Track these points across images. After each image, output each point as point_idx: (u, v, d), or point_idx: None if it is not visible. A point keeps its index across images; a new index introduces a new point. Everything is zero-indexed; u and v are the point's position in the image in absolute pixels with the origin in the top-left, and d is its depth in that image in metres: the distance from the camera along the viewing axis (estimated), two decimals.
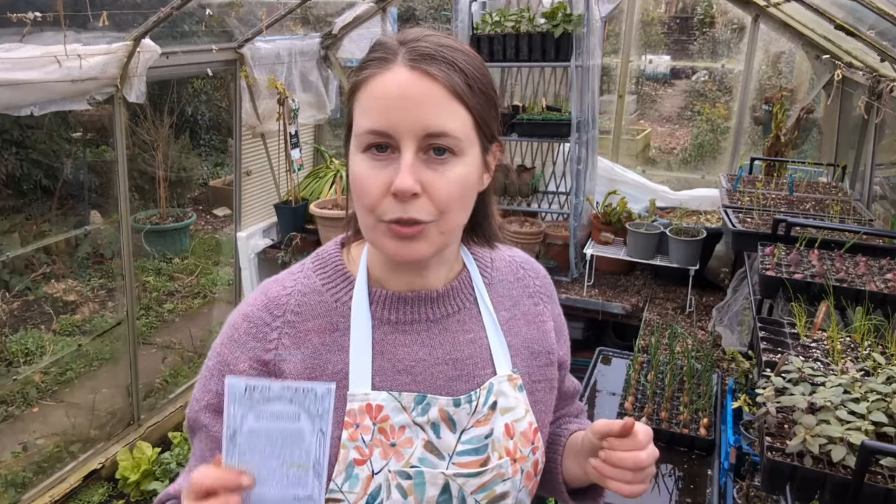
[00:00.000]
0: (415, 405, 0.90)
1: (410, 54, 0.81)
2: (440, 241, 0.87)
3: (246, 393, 0.74)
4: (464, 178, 0.84)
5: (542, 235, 3.89)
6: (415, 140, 0.80)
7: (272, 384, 0.75)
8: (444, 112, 0.81)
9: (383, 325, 0.93)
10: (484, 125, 0.86)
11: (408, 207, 0.81)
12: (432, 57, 0.81)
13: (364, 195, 0.83)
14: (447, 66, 0.82)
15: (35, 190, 5.57)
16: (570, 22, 3.42)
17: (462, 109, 0.83)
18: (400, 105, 0.80)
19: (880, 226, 2.55)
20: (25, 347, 4.40)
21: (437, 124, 0.80)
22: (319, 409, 0.76)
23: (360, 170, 0.83)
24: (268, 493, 0.76)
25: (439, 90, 0.81)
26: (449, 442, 0.90)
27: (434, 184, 0.82)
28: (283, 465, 0.76)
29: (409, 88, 0.80)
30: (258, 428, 0.75)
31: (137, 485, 3.35)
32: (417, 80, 0.80)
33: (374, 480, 0.86)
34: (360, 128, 0.83)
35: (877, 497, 1.10)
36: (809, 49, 3.72)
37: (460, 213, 0.87)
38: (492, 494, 0.91)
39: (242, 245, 4.27)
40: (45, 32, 2.59)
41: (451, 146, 0.82)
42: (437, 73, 0.81)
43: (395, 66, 0.81)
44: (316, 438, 0.76)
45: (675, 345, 2.59)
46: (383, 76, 0.81)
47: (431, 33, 0.85)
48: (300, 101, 4.27)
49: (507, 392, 0.95)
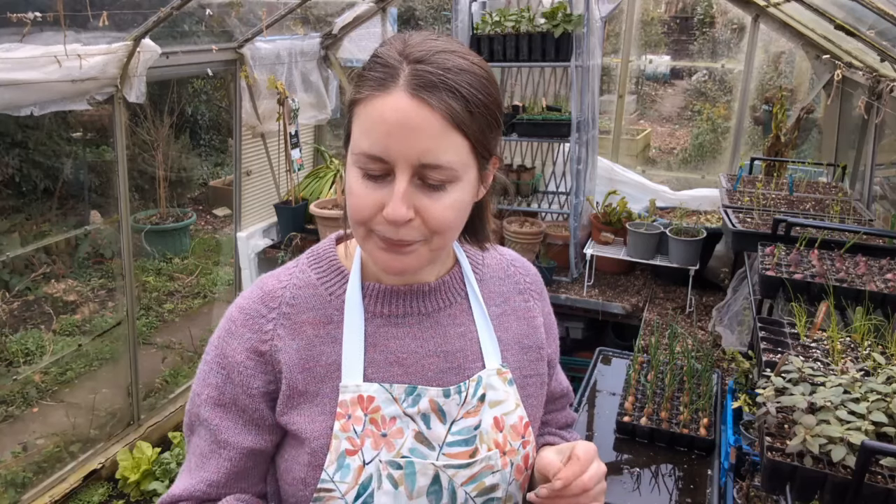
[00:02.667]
0: (405, 396, 0.91)
1: (413, 80, 0.79)
2: (430, 256, 0.88)
3: None
4: (458, 203, 0.85)
5: (542, 235, 3.89)
6: (409, 168, 0.80)
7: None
8: (441, 144, 0.80)
9: (376, 317, 0.95)
10: (482, 148, 0.85)
11: (399, 231, 0.82)
12: (434, 86, 0.79)
13: (357, 211, 0.84)
14: (449, 93, 0.79)
15: (35, 190, 5.57)
16: (570, 22, 3.41)
17: (460, 138, 0.81)
18: (397, 132, 0.79)
19: (880, 226, 2.55)
20: (25, 347, 4.40)
21: (433, 157, 0.80)
22: None
23: (355, 186, 0.84)
24: None
25: (438, 121, 0.79)
26: (439, 433, 0.91)
27: (428, 209, 0.82)
28: None
29: (408, 117, 0.78)
30: None
31: (137, 485, 3.35)
32: (417, 109, 0.78)
33: (366, 470, 0.88)
34: (357, 147, 0.83)
35: (877, 497, 1.10)
36: (809, 49, 3.72)
37: (454, 232, 0.89)
38: (481, 486, 0.92)
39: (242, 245, 4.27)
40: (45, 32, 2.59)
41: (446, 177, 0.82)
42: (438, 105, 0.79)
43: (396, 91, 0.79)
44: None
45: (675, 345, 2.59)
46: (383, 100, 0.80)
47: (440, 49, 0.82)
48: (300, 101, 4.27)
49: (497, 385, 0.97)
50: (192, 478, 0.95)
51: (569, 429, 1.23)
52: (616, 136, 4.55)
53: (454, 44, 0.85)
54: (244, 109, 3.99)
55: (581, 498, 0.88)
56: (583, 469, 0.89)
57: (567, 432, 1.21)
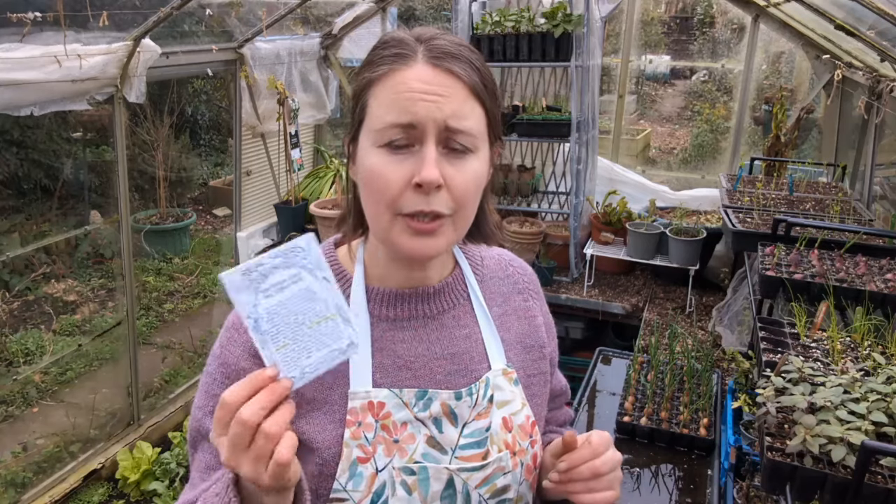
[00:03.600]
0: (416, 400, 0.90)
1: (432, 52, 0.83)
2: (454, 237, 0.88)
3: (244, 277, 0.73)
4: (478, 174, 0.87)
5: (543, 235, 3.89)
6: (437, 133, 0.82)
7: (261, 258, 0.74)
8: (465, 109, 0.83)
9: (381, 322, 0.94)
10: (495, 123, 0.89)
11: (430, 200, 0.82)
12: (453, 55, 0.83)
13: (384, 189, 0.83)
14: (467, 64, 0.84)
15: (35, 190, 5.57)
16: (570, 22, 3.41)
17: (479, 108, 0.85)
18: (425, 98, 0.81)
19: (880, 226, 2.55)
20: (25, 347, 4.39)
21: (458, 120, 0.82)
22: (311, 259, 0.76)
23: (379, 163, 0.83)
24: (313, 360, 0.76)
25: (461, 88, 0.83)
26: (451, 436, 0.90)
27: (454, 178, 0.83)
28: (312, 326, 0.76)
29: (433, 85, 0.82)
30: (272, 304, 0.74)
31: (137, 485, 3.35)
32: (441, 76, 0.82)
33: (379, 478, 0.86)
34: (380, 122, 0.83)
35: (877, 497, 1.10)
36: (809, 49, 3.72)
37: (473, 207, 0.89)
38: (494, 488, 0.91)
39: (242, 245, 4.27)
40: (45, 32, 2.59)
41: (468, 144, 0.84)
42: (460, 72, 0.83)
43: (417, 63, 0.83)
44: (324, 287, 0.76)
45: (675, 345, 2.59)
46: (404, 72, 0.82)
47: (444, 32, 0.87)
48: (300, 101, 4.27)
49: (503, 386, 0.96)
50: (195, 492, 0.89)
51: (567, 426, 1.23)
52: (616, 136, 4.55)
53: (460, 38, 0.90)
54: (244, 109, 3.99)
55: (593, 482, 0.88)
56: (594, 454, 0.88)
57: (566, 429, 1.21)
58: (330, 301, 0.77)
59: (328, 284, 0.77)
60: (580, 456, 0.88)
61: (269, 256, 0.74)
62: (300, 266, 0.75)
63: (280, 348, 0.74)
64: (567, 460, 0.89)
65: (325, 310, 0.76)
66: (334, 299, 0.77)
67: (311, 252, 0.76)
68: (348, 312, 0.78)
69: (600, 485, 0.88)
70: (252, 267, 0.73)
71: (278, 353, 0.74)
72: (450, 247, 0.90)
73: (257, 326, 0.74)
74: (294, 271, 0.75)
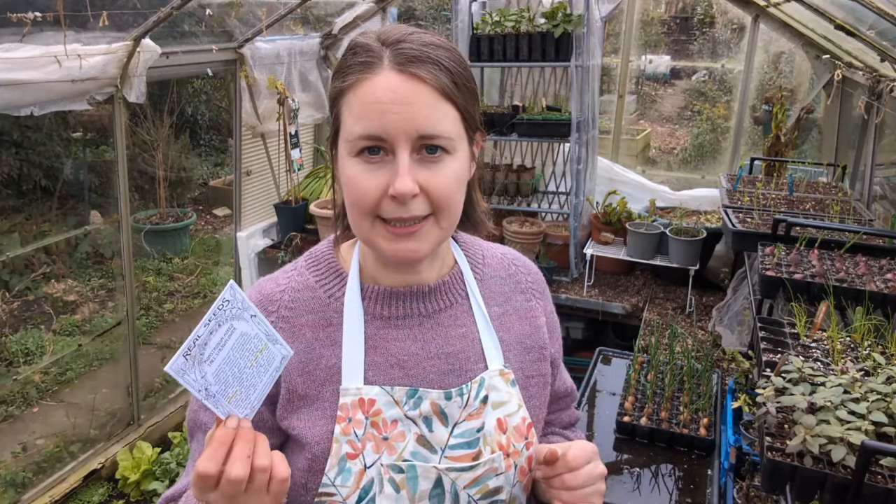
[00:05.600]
0: (407, 399, 0.91)
1: (397, 57, 0.81)
2: (438, 237, 0.88)
3: (186, 360, 0.75)
4: (457, 173, 0.86)
5: (542, 235, 3.89)
6: (409, 142, 0.81)
7: (196, 330, 0.75)
8: (435, 114, 0.82)
9: (376, 320, 0.94)
10: (470, 119, 0.88)
11: (409, 207, 0.83)
12: (419, 59, 0.81)
13: (361, 198, 0.84)
14: (434, 66, 0.82)
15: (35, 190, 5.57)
16: (570, 22, 3.41)
17: (451, 108, 0.84)
18: (392, 109, 0.80)
19: (880, 226, 2.55)
20: (25, 347, 4.39)
21: (430, 126, 0.81)
22: (237, 305, 0.78)
23: (354, 173, 0.84)
24: (259, 390, 0.80)
25: (429, 92, 0.81)
26: (441, 436, 0.91)
27: (430, 181, 0.83)
28: (252, 365, 0.79)
29: (399, 92, 0.80)
30: (216, 367, 0.77)
31: (137, 485, 3.35)
32: (407, 83, 0.81)
33: (367, 474, 0.87)
34: (352, 133, 0.83)
35: (877, 497, 1.10)
36: (809, 49, 3.72)
37: (458, 204, 0.89)
38: (485, 489, 0.91)
39: (242, 245, 4.27)
40: (45, 32, 2.59)
41: (444, 146, 0.83)
42: (426, 76, 0.81)
43: (383, 70, 0.81)
44: (253, 324, 0.79)
45: (675, 345, 2.59)
46: (371, 81, 0.81)
47: (412, 30, 0.85)
48: (300, 101, 4.27)
49: (499, 387, 0.96)
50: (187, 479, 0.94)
51: (572, 428, 1.23)
52: (616, 136, 4.55)
53: (431, 34, 0.88)
54: (244, 109, 3.99)
55: (565, 495, 0.90)
56: (567, 468, 0.89)
57: (571, 431, 1.21)
58: (261, 333, 0.80)
59: (255, 318, 0.80)
60: (553, 469, 0.90)
61: (202, 325, 0.76)
62: (231, 318, 0.78)
63: (230, 399, 0.77)
64: (542, 471, 0.91)
65: (259, 343, 0.80)
66: (262, 329, 0.80)
67: (236, 299, 0.78)
68: (274, 333, 0.82)
69: (573, 498, 0.90)
70: (191, 345, 0.75)
71: (230, 405, 0.77)
72: (437, 245, 0.90)
73: (208, 393, 0.76)
74: (226, 326, 0.77)
